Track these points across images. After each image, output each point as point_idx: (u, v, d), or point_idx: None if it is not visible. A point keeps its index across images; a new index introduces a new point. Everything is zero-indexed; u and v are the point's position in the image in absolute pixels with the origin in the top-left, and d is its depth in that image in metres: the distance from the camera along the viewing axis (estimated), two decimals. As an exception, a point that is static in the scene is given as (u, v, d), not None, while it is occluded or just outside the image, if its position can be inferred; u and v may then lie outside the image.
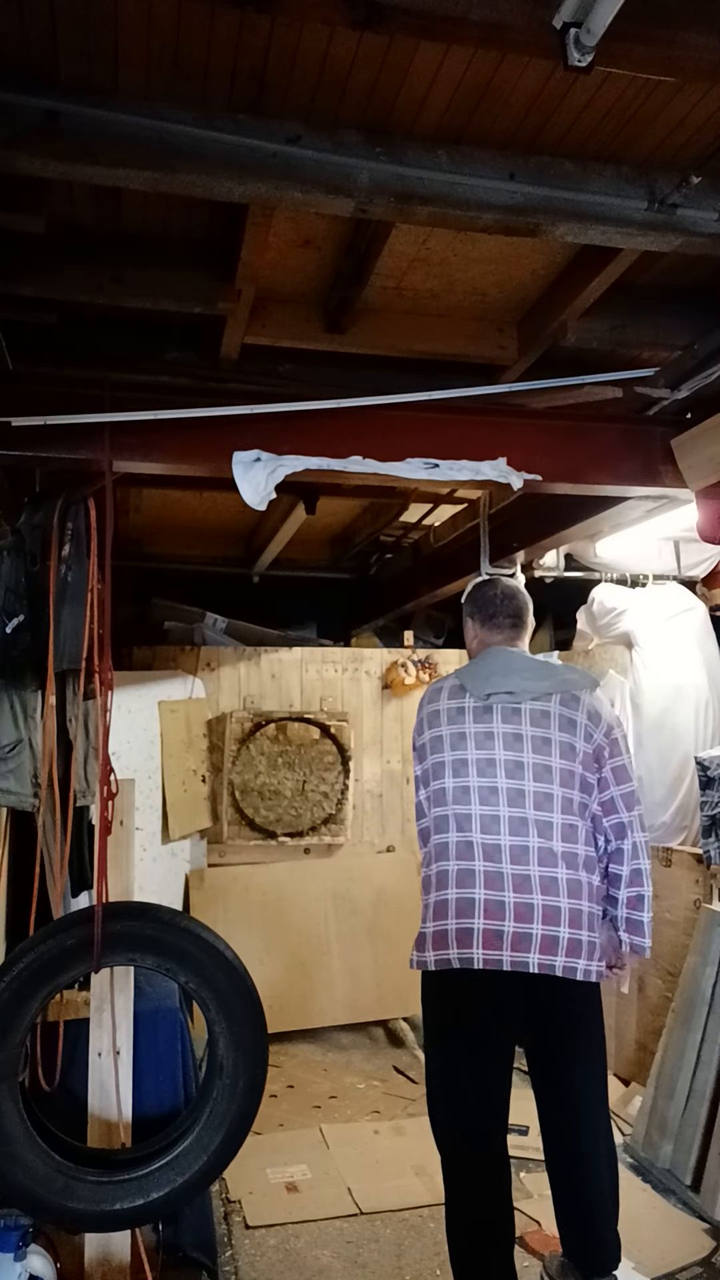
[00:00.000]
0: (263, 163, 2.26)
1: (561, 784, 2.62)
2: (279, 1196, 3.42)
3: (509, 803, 2.60)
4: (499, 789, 2.61)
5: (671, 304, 3.26)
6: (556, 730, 2.66)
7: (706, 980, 3.59)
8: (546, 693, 2.69)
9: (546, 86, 2.24)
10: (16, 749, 3.13)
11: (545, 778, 2.62)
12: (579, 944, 2.52)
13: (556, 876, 2.54)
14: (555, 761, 2.63)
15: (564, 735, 2.66)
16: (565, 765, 2.64)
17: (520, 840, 2.57)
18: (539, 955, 2.49)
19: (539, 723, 2.67)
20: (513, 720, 2.67)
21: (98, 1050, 2.88)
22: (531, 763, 2.62)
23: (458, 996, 2.58)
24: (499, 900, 2.53)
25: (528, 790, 2.60)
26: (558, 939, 2.50)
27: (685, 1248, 3.11)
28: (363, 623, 6.89)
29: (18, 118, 2.14)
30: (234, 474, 3.08)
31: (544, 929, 2.50)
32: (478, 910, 2.53)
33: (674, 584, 5.22)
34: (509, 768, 2.63)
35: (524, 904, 2.52)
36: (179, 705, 5.07)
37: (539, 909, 2.51)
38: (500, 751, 2.65)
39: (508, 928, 2.50)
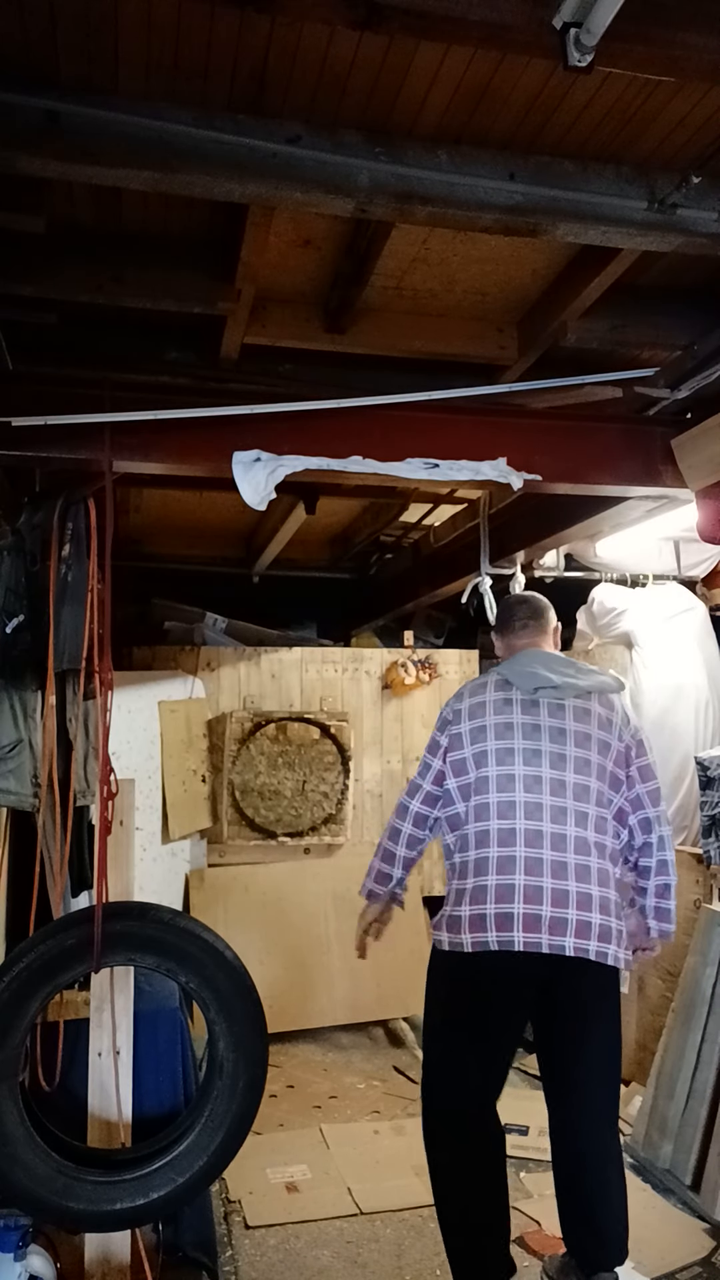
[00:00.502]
0: (263, 163, 2.26)
1: (598, 778, 2.75)
2: (279, 1196, 3.42)
3: (551, 792, 2.71)
4: (543, 778, 2.72)
5: (671, 304, 3.26)
6: (596, 728, 2.80)
7: (706, 980, 3.59)
8: (588, 691, 2.84)
9: (546, 86, 2.24)
10: (16, 749, 3.13)
11: (585, 771, 2.74)
12: (609, 930, 2.63)
13: (590, 865, 2.66)
14: (594, 757, 2.76)
15: (602, 733, 2.80)
16: (601, 761, 2.77)
17: (560, 829, 2.67)
18: (574, 939, 2.58)
19: (581, 719, 2.80)
20: (557, 715, 2.80)
21: (98, 1050, 2.88)
22: (574, 756, 2.75)
23: (487, 977, 2.64)
24: (537, 886, 2.61)
25: (569, 782, 2.72)
26: (590, 924, 2.60)
27: (685, 1248, 3.11)
28: (363, 623, 6.89)
29: (18, 118, 2.14)
30: (234, 474, 3.08)
31: (578, 914, 2.60)
32: (517, 895, 2.61)
33: (674, 584, 5.22)
34: (552, 759, 2.74)
35: (560, 890, 2.61)
36: (179, 705, 5.07)
37: (574, 895, 2.61)
38: (546, 744, 2.76)
39: (545, 912, 2.59)
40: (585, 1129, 2.71)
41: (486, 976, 2.64)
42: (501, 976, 2.64)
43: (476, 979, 2.66)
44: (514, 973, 2.63)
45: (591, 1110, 2.72)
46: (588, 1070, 2.72)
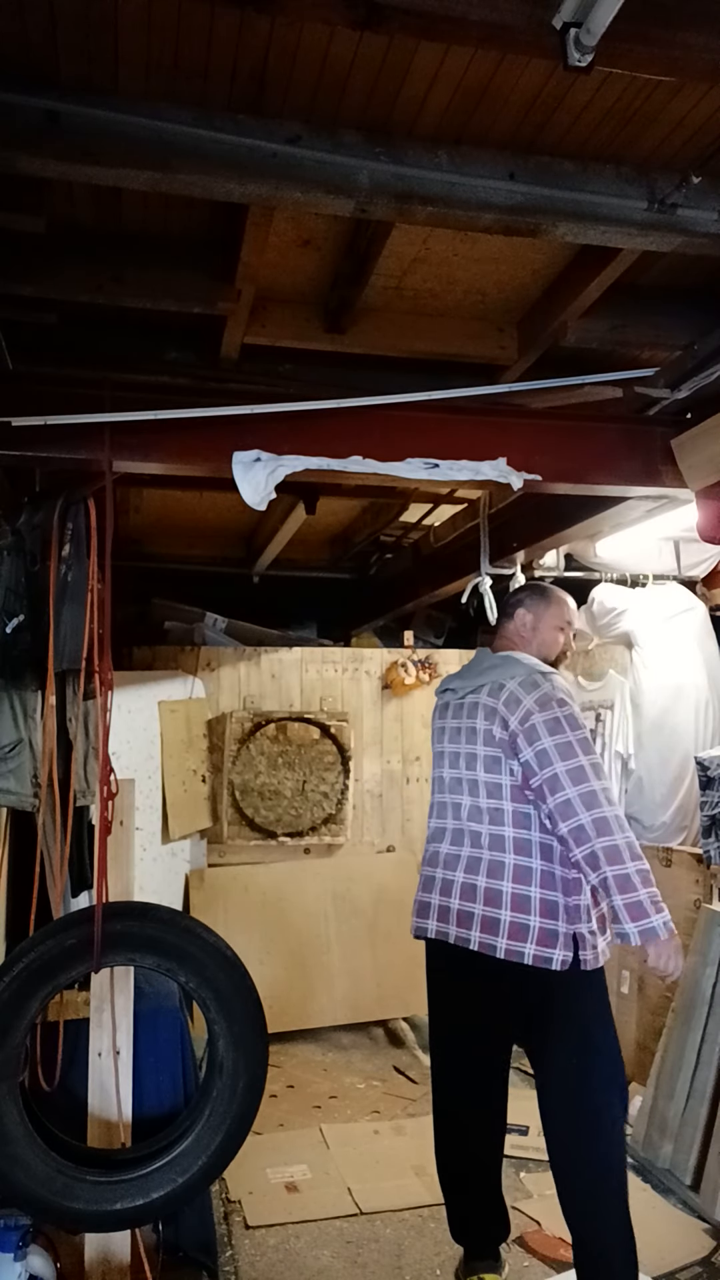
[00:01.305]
0: (263, 163, 2.26)
1: (485, 770, 2.77)
2: (279, 1196, 3.42)
3: (450, 790, 2.90)
4: (444, 778, 2.94)
5: (671, 304, 3.26)
6: (481, 719, 2.80)
7: (706, 980, 3.59)
8: (479, 685, 2.87)
9: (546, 86, 2.24)
10: (16, 749, 3.13)
11: (472, 765, 2.81)
12: (520, 926, 2.60)
13: (480, 857, 2.73)
14: (479, 749, 2.79)
15: (485, 723, 2.78)
16: (488, 751, 2.77)
17: (455, 824, 2.85)
18: (480, 934, 2.66)
19: (470, 714, 2.85)
20: (458, 715, 2.92)
21: (98, 1050, 2.88)
22: (464, 752, 2.85)
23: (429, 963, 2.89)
24: (447, 880, 2.80)
25: (463, 778, 2.85)
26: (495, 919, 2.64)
27: (685, 1248, 3.11)
28: (363, 623, 6.89)
29: (18, 118, 2.14)
30: (234, 474, 3.08)
31: (484, 910, 2.67)
32: (435, 887, 2.84)
33: (674, 584, 5.22)
34: (451, 758, 2.91)
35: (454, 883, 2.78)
36: (179, 705, 5.07)
37: (464, 887, 2.74)
38: (446, 744, 2.95)
39: (453, 904, 2.76)
40: (551, 1139, 2.70)
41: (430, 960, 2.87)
42: (437, 966, 2.85)
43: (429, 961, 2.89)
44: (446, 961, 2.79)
45: (552, 1120, 2.69)
46: (545, 1078, 2.72)
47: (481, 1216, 2.88)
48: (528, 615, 2.99)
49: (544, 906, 2.61)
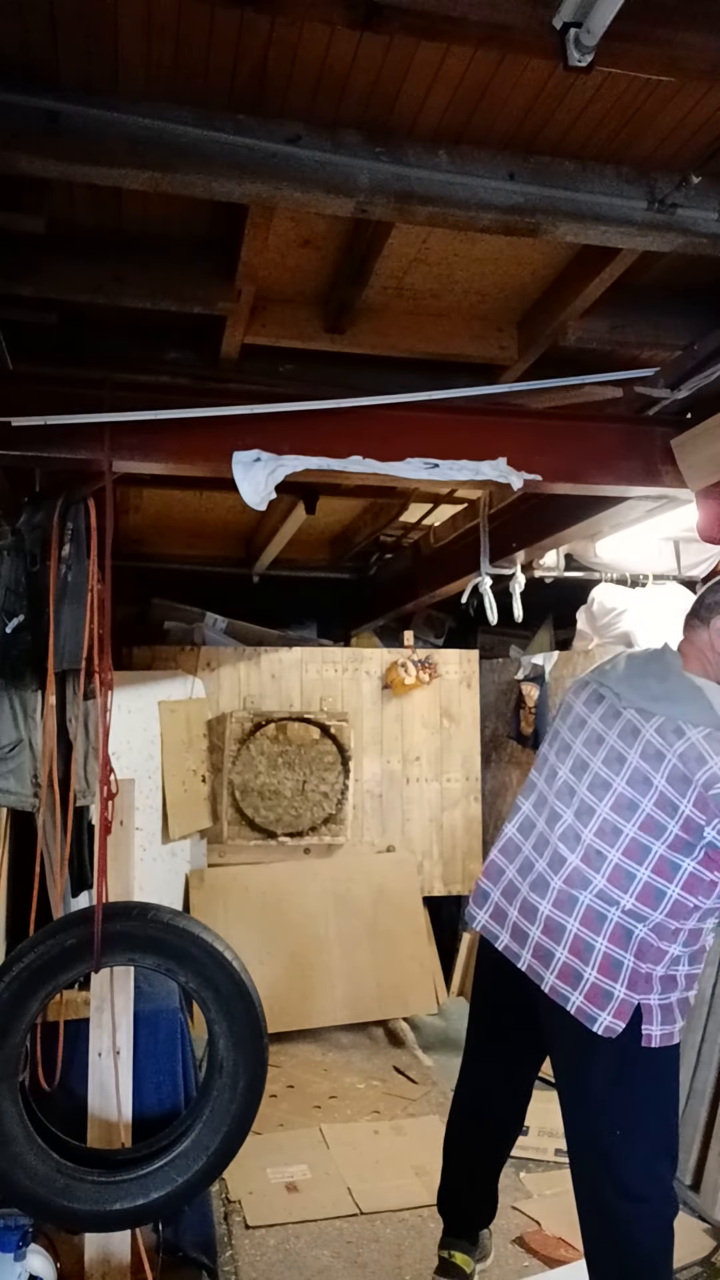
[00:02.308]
0: (263, 163, 2.26)
1: (613, 808, 2.34)
2: (279, 1196, 3.42)
3: (558, 794, 2.47)
4: (557, 774, 2.50)
5: (671, 304, 3.26)
6: (637, 755, 2.33)
7: (706, 980, 3.59)
8: (650, 712, 2.37)
9: (546, 86, 2.24)
10: (16, 749, 3.13)
11: (599, 790, 2.38)
12: (579, 975, 2.29)
13: (579, 898, 2.34)
14: (620, 784, 2.35)
15: (642, 762, 2.32)
16: (631, 794, 2.32)
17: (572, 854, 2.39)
18: (532, 958, 2.39)
19: (626, 737, 2.37)
20: (609, 722, 2.44)
21: (98, 1050, 2.88)
22: (596, 770, 2.41)
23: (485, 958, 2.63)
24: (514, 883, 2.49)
25: (578, 793, 2.43)
26: (553, 955, 2.34)
27: (685, 1248, 3.10)
28: (363, 623, 6.89)
29: (18, 118, 2.14)
30: (234, 474, 3.07)
31: (541, 937, 2.38)
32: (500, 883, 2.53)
33: (674, 584, 5.21)
34: (576, 762, 2.46)
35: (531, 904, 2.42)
36: (179, 705, 5.07)
37: (543, 916, 2.38)
38: (580, 745, 2.48)
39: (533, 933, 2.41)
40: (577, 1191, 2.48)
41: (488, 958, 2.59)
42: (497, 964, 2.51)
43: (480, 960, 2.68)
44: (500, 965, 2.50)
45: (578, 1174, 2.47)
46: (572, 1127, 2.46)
47: (474, 1199, 2.80)
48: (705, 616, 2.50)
49: (613, 964, 2.28)
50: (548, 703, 5.39)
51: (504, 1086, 2.71)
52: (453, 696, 5.77)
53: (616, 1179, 2.35)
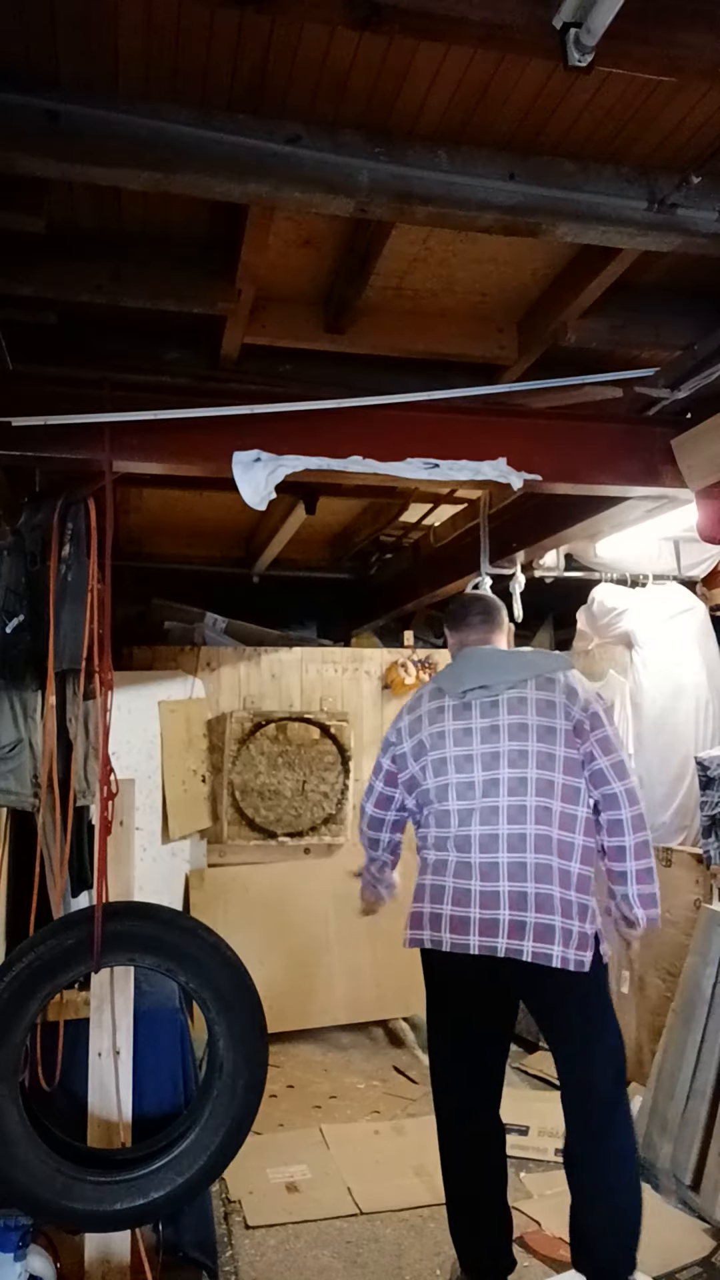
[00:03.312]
0: (263, 163, 2.26)
1: (539, 767, 2.65)
2: (279, 1196, 3.42)
3: (483, 794, 2.69)
4: (475, 783, 2.71)
5: (671, 304, 3.26)
6: (535, 714, 2.69)
7: (706, 980, 3.59)
8: (522, 680, 2.74)
9: (546, 86, 2.24)
10: (16, 749, 3.13)
11: (520, 764, 2.66)
12: (550, 929, 2.56)
13: (525, 862, 2.61)
14: (532, 745, 2.67)
15: (541, 719, 2.69)
16: (544, 748, 2.66)
17: (490, 829, 2.66)
18: (507, 940, 2.58)
19: (516, 710, 2.71)
20: (490, 714, 2.73)
21: (98, 1050, 2.88)
22: (506, 750, 2.68)
23: (439, 975, 2.78)
24: (466, 888, 2.65)
25: (502, 778, 2.68)
26: (524, 924, 2.57)
27: (685, 1248, 3.11)
28: (363, 623, 6.89)
29: (18, 118, 2.14)
30: (234, 474, 3.08)
31: (511, 914, 2.58)
32: (447, 897, 2.68)
33: (674, 584, 5.21)
34: (485, 760, 2.71)
35: (490, 891, 2.61)
36: (179, 705, 5.06)
37: (505, 895, 2.60)
38: (477, 745, 2.72)
39: (474, 914, 2.62)
40: (574, 1131, 2.71)
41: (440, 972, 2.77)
42: (450, 974, 2.72)
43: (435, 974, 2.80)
44: (459, 971, 2.69)
45: (577, 1113, 2.70)
46: (581, 1081, 2.71)
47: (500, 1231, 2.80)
48: (505, 618, 3.06)
49: (580, 910, 2.59)
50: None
51: (483, 1096, 2.80)
52: (453, 696, 5.77)
53: (620, 1097, 2.68)
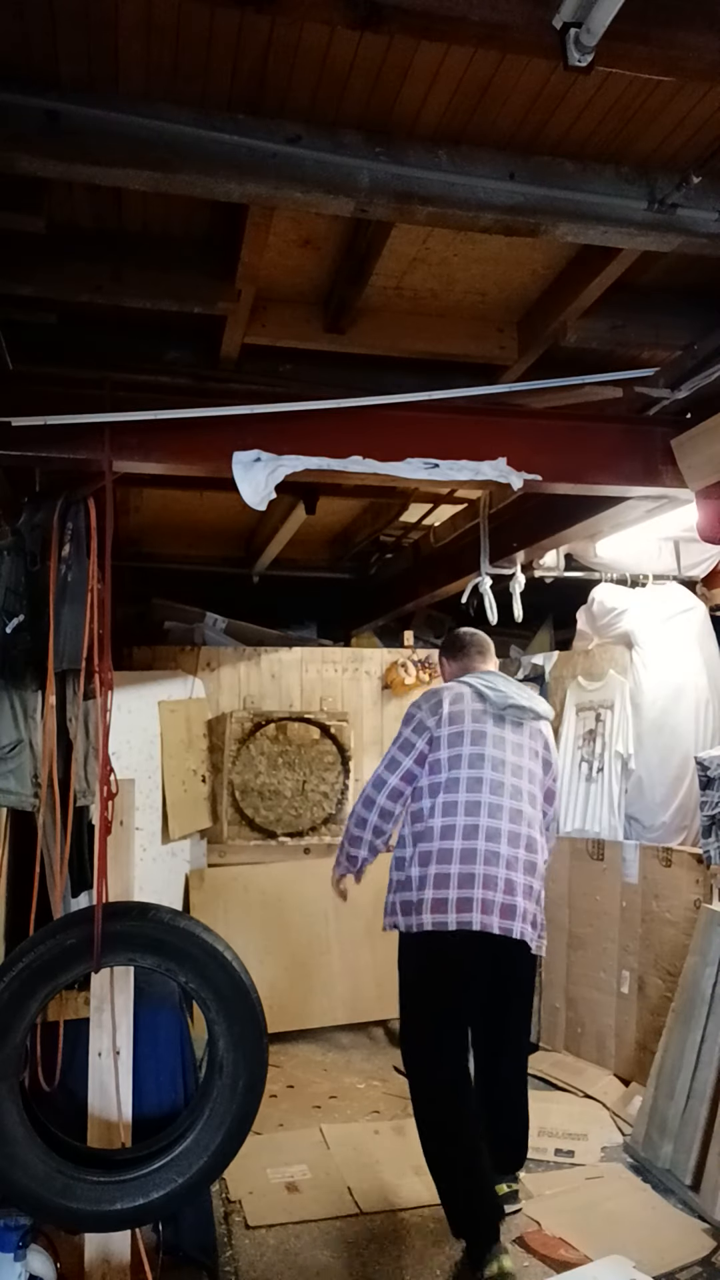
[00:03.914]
0: (263, 163, 2.26)
1: (531, 784, 3.24)
2: (279, 1196, 3.42)
3: (511, 796, 3.14)
4: (504, 784, 3.14)
5: (671, 304, 3.26)
6: (542, 747, 3.34)
7: (706, 980, 3.59)
8: (536, 716, 3.32)
9: (546, 86, 2.24)
10: (16, 749, 3.13)
11: (532, 781, 3.24)
12: (534, 916, 3.11)
13: (536, 861, 3.16)
14: (537, 770, 3.29)
15: (543, 751, 3.34)
16: (536, 772, 3.29)
17: (515, 828, 3.11)
18: (521, 924, 3.04)
19: (533, 738, 3.31)
20: (518, 733, 3.26)
21: (98, 1050, 2.88)
22: (526, 768, 3.23)
23: (454, 952, 3.04)
24: (470, 873, 3.02)
25: (523, 789, 3.19)
26: (515, 908, 3.04)
27: (685, 1248, 3.11)
28: (363, 623, 6.89)
29: (18, 118, 2.14)
30: (234, 474, 3.08)
31: (525, 904, 3.06)
32: (477, 882, 3.01)
33: (674, 584, 5.21)
34: (513, 768, 3.18)
35: (511, 880, 3.05)
36: (179, 705, 5.06)
37: (521, 885, 3.06)
38: (509, 755, 3.19)
39: (498, 899, 3.01)
40: (516, 1072, 3.38)
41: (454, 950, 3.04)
42: (465, 951, 3.04)
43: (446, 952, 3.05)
44: (473, 948, 3.04)
45: (520, 1059, 3.43)
46: (519, 1031, 3.43)
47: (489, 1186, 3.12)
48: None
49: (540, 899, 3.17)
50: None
51: (463, 1058, 3.19)
52: (453, 696, 5.77)
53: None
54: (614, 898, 4.50)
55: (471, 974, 3.10)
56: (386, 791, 3.18)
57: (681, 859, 4.15)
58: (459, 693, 3.24)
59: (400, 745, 3.22)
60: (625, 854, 4.49)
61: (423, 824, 3.11)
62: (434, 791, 3.12)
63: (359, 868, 3.36)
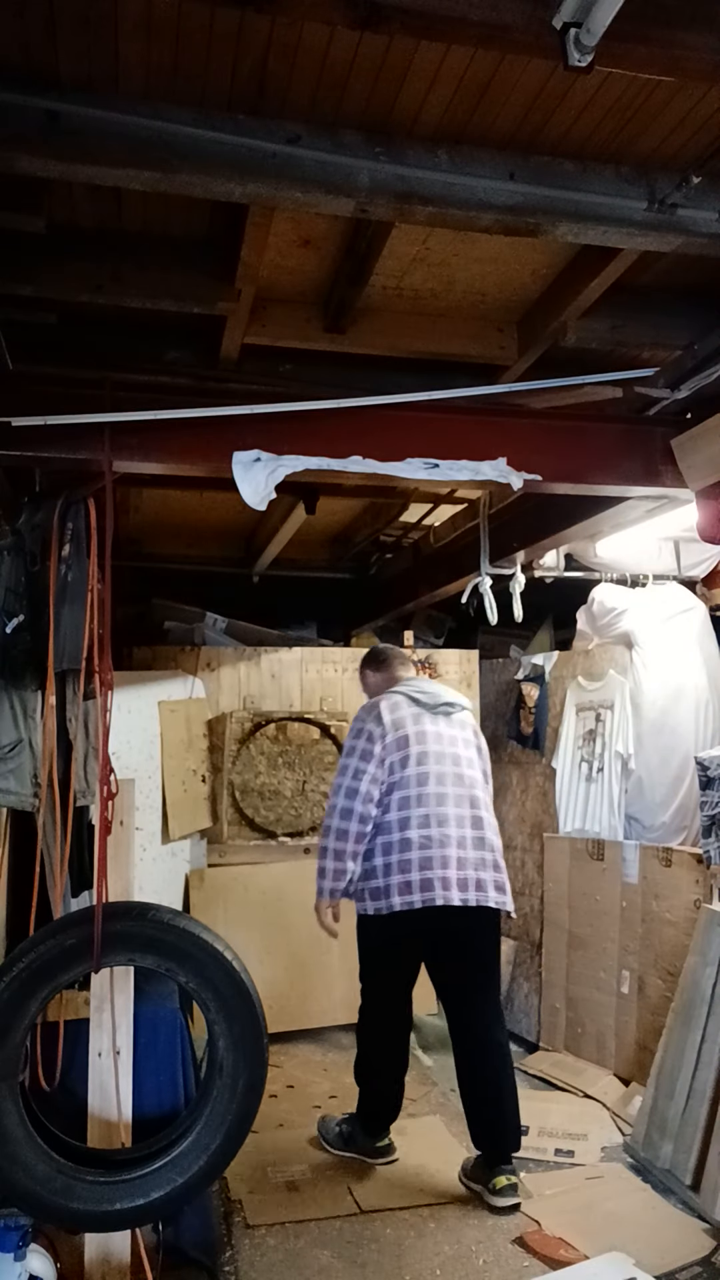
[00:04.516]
0: (263, 163, 2.26)
1: (471, 769, 3.63)
2: (279, 1196, 3.42)
3: (454, 784, 3.54)
4: (448, 774, 3.55)
5: (671, 304, 3.26)
6: (473, 735, 3.73)
7: (706, 980, 3.59)
8: (461, 709, 3.72)
9: (546, 86, 2.24)
10: (16, 749, 3.13)
11: (472, 768, 3.63)
12: (501, 883, 3.53)
13: (485, 837, 3.54)
14: (474, 757, 3.67)
15: (473, 738, 3.72)
16: (472, 758, 3.67)
17: (461, 811, 3.52)
18: (495, 895, 3.48)
19: (462, 727, 3.69)
20: (451, 727, 3.65)
21: (98, 1050, 2.88)
22: (464, 756, 3.62)
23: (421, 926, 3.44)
24: (443, 855, 3.42)
25: (465, 775, 3.59)
26: (485, 880, 3.48)
27: (685, 1247, 3.10)
28: (363, 623, 6.88)
29: (18, 118, 2.14)
30: (234, 474, 3.08)
31: (494, 876, 3.49)
32: (436, 864, 3.41)
33: (674, 584, 5.21)
34: (453, 758, 3.59)
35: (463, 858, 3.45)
36: (179, 705, 5.06)
37: (473, 860, 3.47)
38: (447, 748, 3.59)
39: (454, 874, 3.42)
40: (495, 1039, 3.52)
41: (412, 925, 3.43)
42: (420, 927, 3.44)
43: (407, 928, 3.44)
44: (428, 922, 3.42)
45: (498, 1023, 3.57)
46: (495, 992, 3.65)
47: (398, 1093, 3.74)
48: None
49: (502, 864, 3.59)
50: (548, 703, 5.39)
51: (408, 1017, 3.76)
52: (453, 696, 5.76)
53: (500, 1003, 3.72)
54: (614, 898, 4.50)
55: (423, 942, 3.52)
56: (361, 799, 3.47)
57: (681, 859, 4.15)
58: (395, 701, 3.63)
59: (360, 756, 3.52)
60: (625, 854, 4.49)
61: (380, 820, 3.49)
62: (389, 790, 3.50)
63: (347, 882, 3.49)
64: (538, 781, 5.39)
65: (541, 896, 5.09)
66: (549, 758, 5.26)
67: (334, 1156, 3.69)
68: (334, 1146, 3.71)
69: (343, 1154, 3.69)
